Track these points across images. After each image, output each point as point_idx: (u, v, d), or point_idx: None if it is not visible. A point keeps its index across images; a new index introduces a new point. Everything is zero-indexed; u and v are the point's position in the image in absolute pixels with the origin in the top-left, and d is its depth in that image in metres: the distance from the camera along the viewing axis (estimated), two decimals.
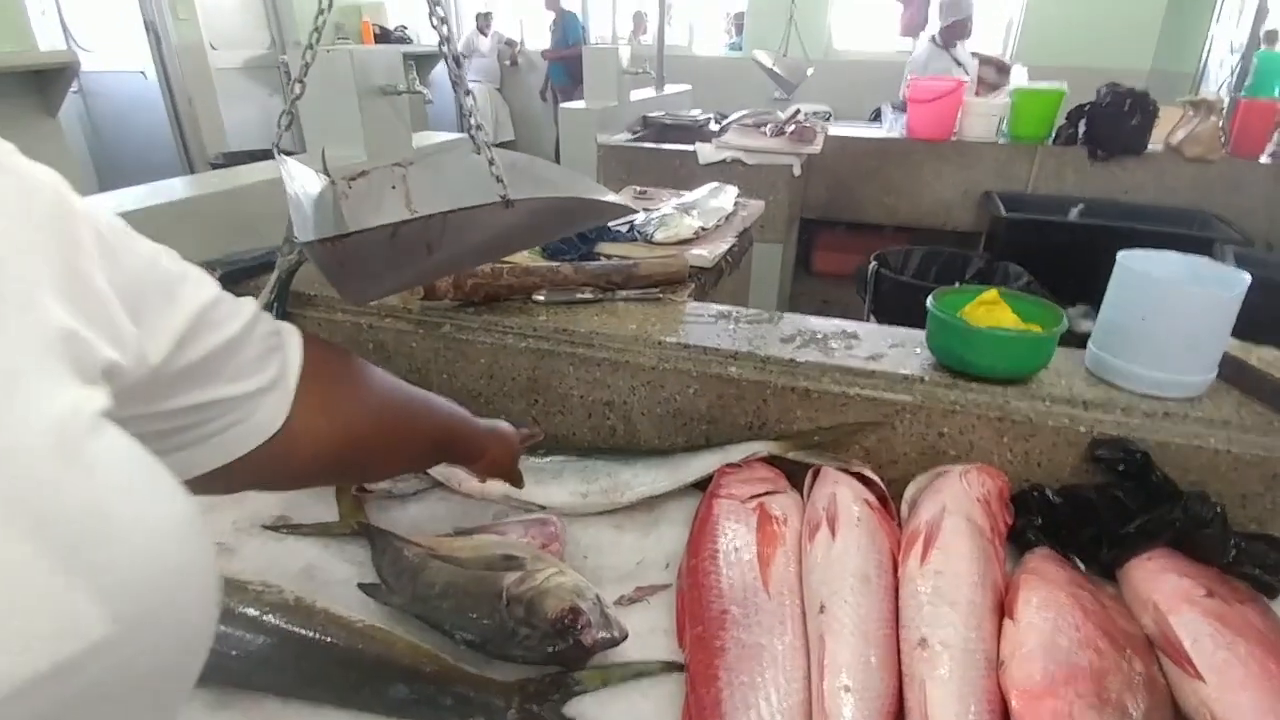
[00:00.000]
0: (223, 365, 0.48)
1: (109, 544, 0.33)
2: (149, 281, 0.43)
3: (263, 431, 0.51)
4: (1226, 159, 3.40)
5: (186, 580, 0.36)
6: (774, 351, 1.02)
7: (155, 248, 0.45)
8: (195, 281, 0.47)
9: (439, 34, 0.67)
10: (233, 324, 0.49)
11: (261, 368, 0.51)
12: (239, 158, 4.26)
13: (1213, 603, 0.75)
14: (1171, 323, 0.88)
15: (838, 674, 0.65)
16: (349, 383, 0.62)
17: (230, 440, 0.50)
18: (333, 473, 0.63)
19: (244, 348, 0.49)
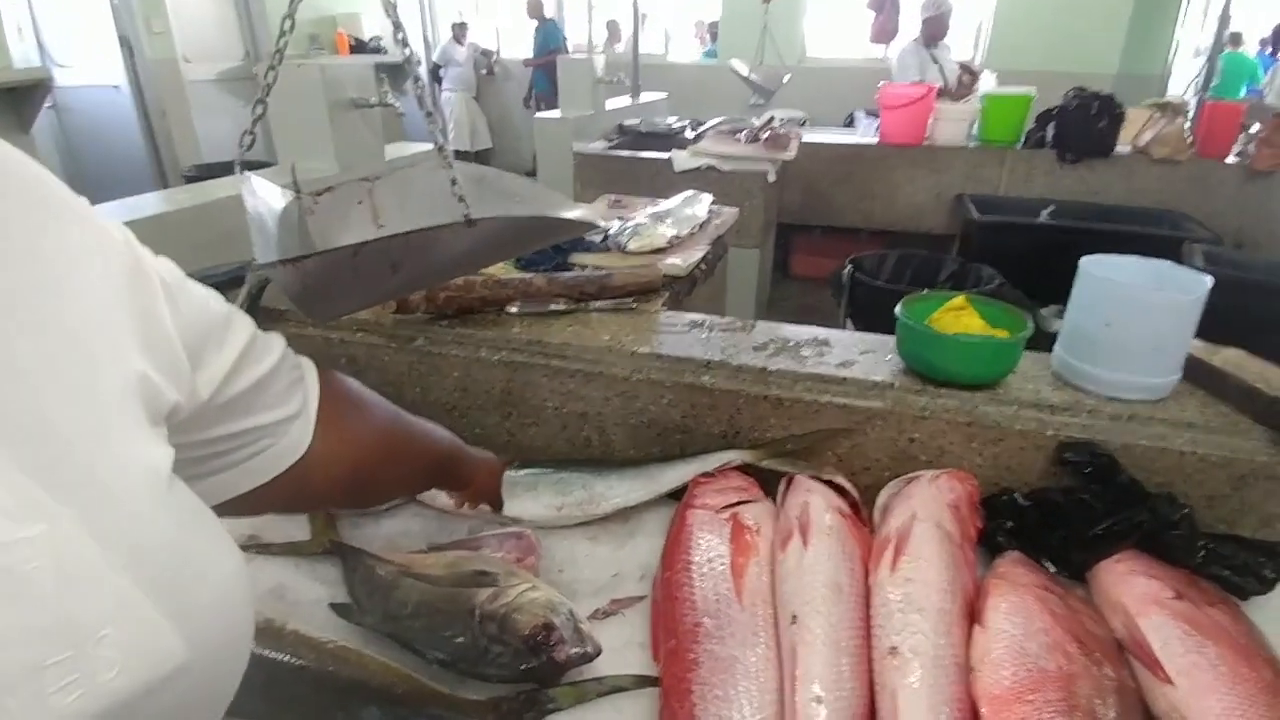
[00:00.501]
0: (258, 397, 0.52)
1: (190, 582, 0.37)
2: (203, 324, 0.48)
3: (290, 455, 0.56)
4: (1193, 159, 3.48)
5: (244, 617, 0.41)
6: (747, 360, 1.03)
7: (204, 291, 0.50)
8: (239, 322, 0.52)
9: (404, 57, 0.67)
10: (268, 359, 0.54)
11: (288, 398, 0.56)
12: (213, 170, 4.23)
13: (1182, 605, 0.76)
14: (1135, 327, 0.89)
15: (810, 684, 0.65)
16: (358, 409, 0.66)
17: (261, 465, 0.54)
18: (346, 494, 0.67)
19: (276, 380, 0.54)
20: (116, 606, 0.33)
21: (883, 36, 5.65)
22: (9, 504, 0.31)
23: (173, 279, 0.46)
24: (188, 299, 0.46)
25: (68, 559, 0.32)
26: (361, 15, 7.27)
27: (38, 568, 0.30)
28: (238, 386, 0.50)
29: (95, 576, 0.33)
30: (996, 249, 2.97)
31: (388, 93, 1.74)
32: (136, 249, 0.43)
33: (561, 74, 3.48)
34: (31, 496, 0.32)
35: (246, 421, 0.52)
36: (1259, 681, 0.67)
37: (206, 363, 0.47)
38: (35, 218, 0.37)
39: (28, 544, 0.30)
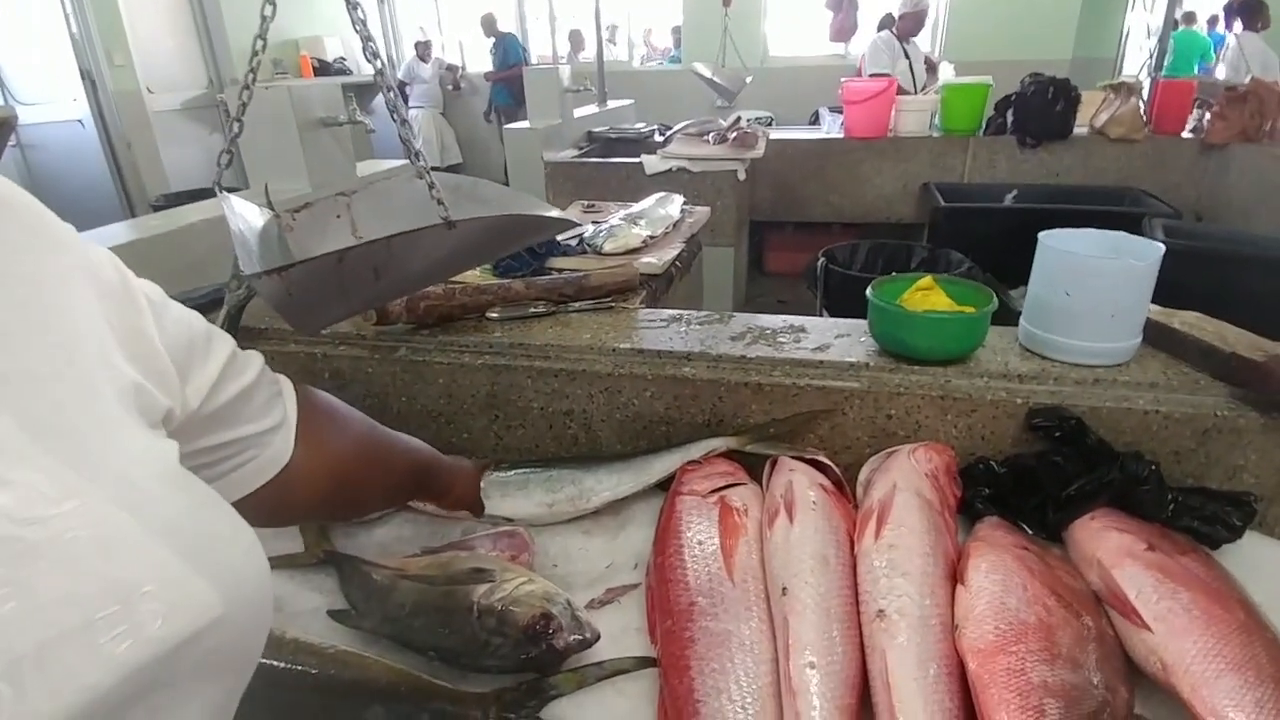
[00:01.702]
0: (242, 408, 0.56)
1: (220, 547, 0.40)
2: (187, 339, 0.51)
3: (273, 466, 0.59)
4: (1150, 137, 3.57)
5: (267, 578, 0.44)
6: (725, 350, 1.05)
7: (185, 310, 0.52)
8: (219, 338, 0.55)
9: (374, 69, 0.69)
10: (249, 372, 0.57)
11: (269, 410, 0.59)
12: (180, 198, 4.19)
13: (1154, 555, 0.79)
14: (1093, 295, 0.93)
15: (802, 652, 0.67)
16: (335, 421, 0.69)
17: (245, 476, 0.57)
18: (327, 505, 0.70)
19: (256, 393, 0.57)
20: (155, 566, 0.35)
21: (842, 35, 5.75)
22: (43, 485, 0.33)
23: (157, 298, 0.49)
24: (171, 316, 0.49)
25: (105, 529, 0.34)
26: (324, 38, 7.25)
27: (77, 537, 0.33)
28: (223, 397, 0.53)
29: (131, 541, 0.35)
30: (964, 234, 3.03)
31: (356, 110, 1.75)
32: (122, 270, 0.46)
33: (528, 85, 3.51)
34: (63, 477, 0.34)
35: (232, 432, 0.55)
36: (1232, 622, 0.70)
37: (193, 375, 0.50)
38: (30, 242, 0.40)
39: (66, 517, 0.33)
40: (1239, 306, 1.21)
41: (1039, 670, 0.65)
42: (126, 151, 5.13)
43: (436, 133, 7.60)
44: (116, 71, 5.07)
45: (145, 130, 5.27)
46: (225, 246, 1.18)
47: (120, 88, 5.10)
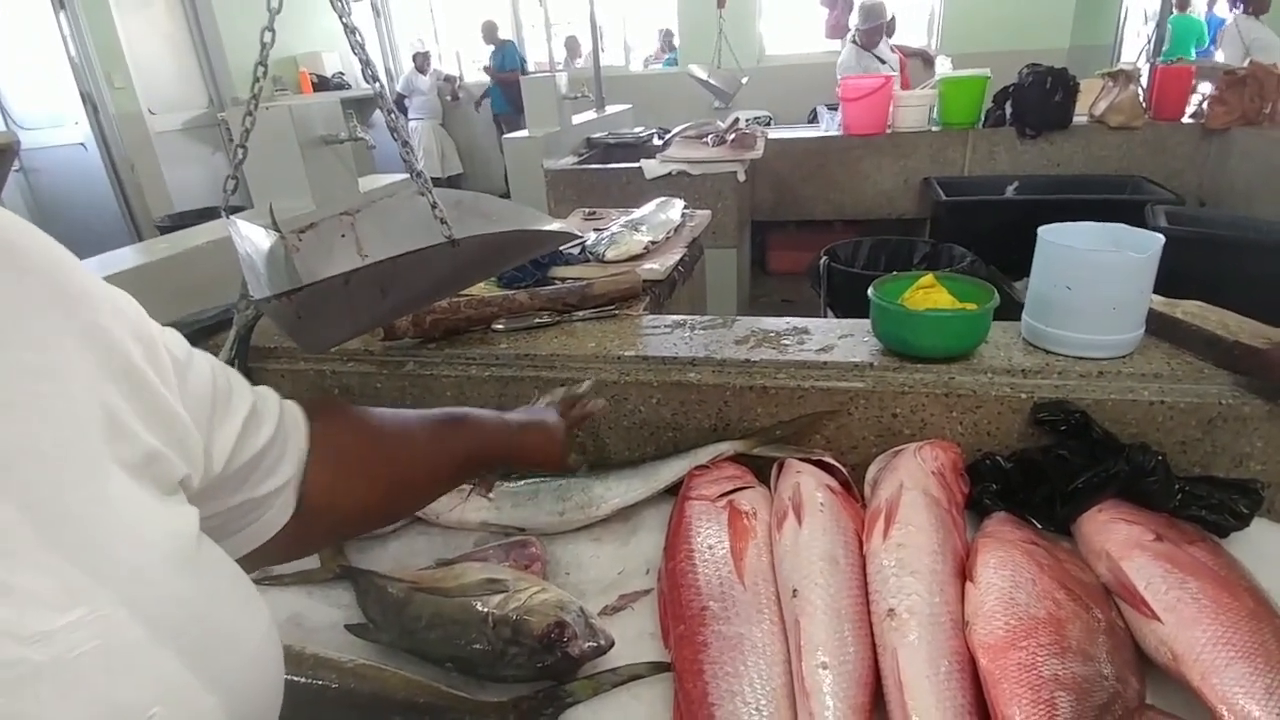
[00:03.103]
0: (255, 469, 0.52)
1: (227, 650, 0.39)
2: (209, 400, 0.47)
3: (279, 521, 0.55)
4: (1150, 124, 3.56)
5: (275, 677, 0.43)
6: (730, 354, 1.06)
7: (209, 367, 0.49)
8: (239, 392, 0.52)
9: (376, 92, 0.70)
10: (266, 429, 0.53)
11: (279, 467, 0.55)
12: (185, 218, 4.23)
13: (1162, 546, 0.79)
14: (1093, 289, 0.93)
15: (814, 653, 0.68)
16: (354, 448, 0.64)
17: (259, 529, 0.54)
18: (355, 530, 0.68)
19: (271, 451, 0.53)
20: (163, 685, 0.34)
21: (837, 32, 5.73)
22: (48, 590, 0.31)
23: (181, 353, 0.46)
24: (196, 374, 0.47)
25: (113, 641, 0.33)
26: (322, 53, 7.29)
27: (84, 654, 0.31)
28: (239, 460, 0.50)
29: (141, 656, 0.34)
30: (966, 228, 3.03)
31: (357, 127, 1.77)
32: (146, 324, 0.43)
33: (526, 94, 3.52)
34: (69, 579, 0.32)
35: (243, 494, 0.52)
36: (1241, 609, 0.70)
37: (216, 436, 0.48)
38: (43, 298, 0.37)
39: (71, 630, 0.31)
40: (1243, 292, 1.21)
41: (1050, 664, 0.65)
42: (130, 173, 5.17)
43: (436, 144, 7.64)
44: (117, 93, 5.11)
45: (148, 151, 5.31)
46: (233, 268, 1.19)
47: (121, 109, 5.14)
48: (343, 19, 0.70)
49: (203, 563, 0.40)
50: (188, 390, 0.45)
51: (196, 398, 0.46)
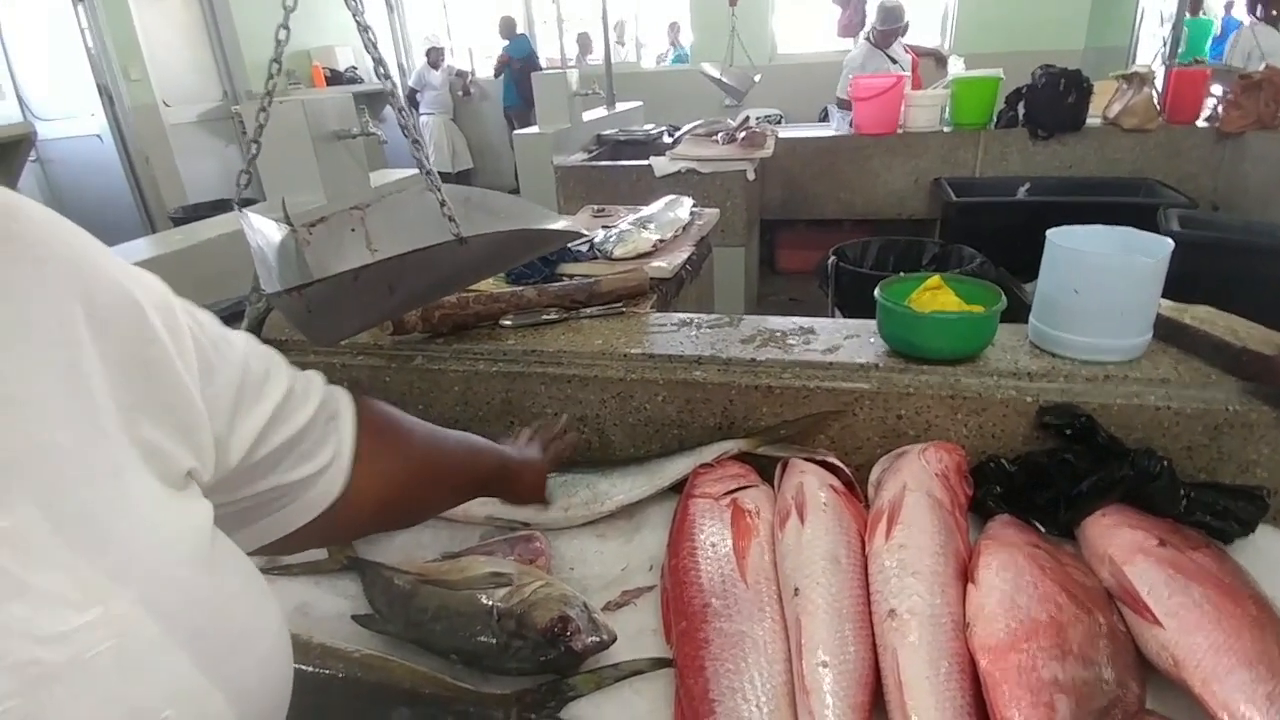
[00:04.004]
0: (288, 454, 0.51)
1: (240, 653, 0.38)
2: (237, 389, 0.46)
3: (317, 506, 0.55)
4: (1164, 127, 3.53)
5: (285, 679, 0.42)
6: (735, 353, 1.06)
7: (243, 350, 0.48)
8: (275, 377, 0.51)
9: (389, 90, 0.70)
10: (301, 414, 0.52)
11: (320, 450, 0.54)
12: (199, 210, 4.27)
13: (1166, 551, 0.79)
14: (1102, 293, 0.93)
15: (815, 651, 0.68)
16: (394, 442, 0.65)
17: (291, 514, 0.53)
18: (382, 524, 0.67)
19: (307, 436, 0.53)
20: (177, 687, 0.34)
21: (850, 30, 5.72)
22: (67, 589, 0.31)
23: (211, 339, 0.45)
24: (225, 363, 0.46)
25: (129, 641, 0.33)
26: (335, 48, 7.32)
27: (99, 655, 0.31)
28: (268, 447, 0.49)
29: (156, 657, 0.34)
30: (976, 229, 3.01)
31: (369, 122, 1.78)
32: (171, 308, 0.42)
33: (538, 90, 3.53)
34: (87, 578, 0.32)
35: (274, 479, 0.51)
36: (1244, 617, 0.70)
37: (238, 424, 0.46)
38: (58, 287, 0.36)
39: (88, 629, 0.31)
40: (1256, 297, 1.20)
41: (1050, 667, 0.65)
42: (145, 165, 5.21)
43: (447, 139, 7.66)
44: (133, 86, 5.15)
45: (162, 143, 5.35)
46: (245, 260, 1.20)
47: (137, 102, 5.18)
48: (356, 17, 0.71)
49: (217, 560, 0.40)
50: (213, 377, 0.44)
51: (221, 384, 0.45)
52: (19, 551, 0.31)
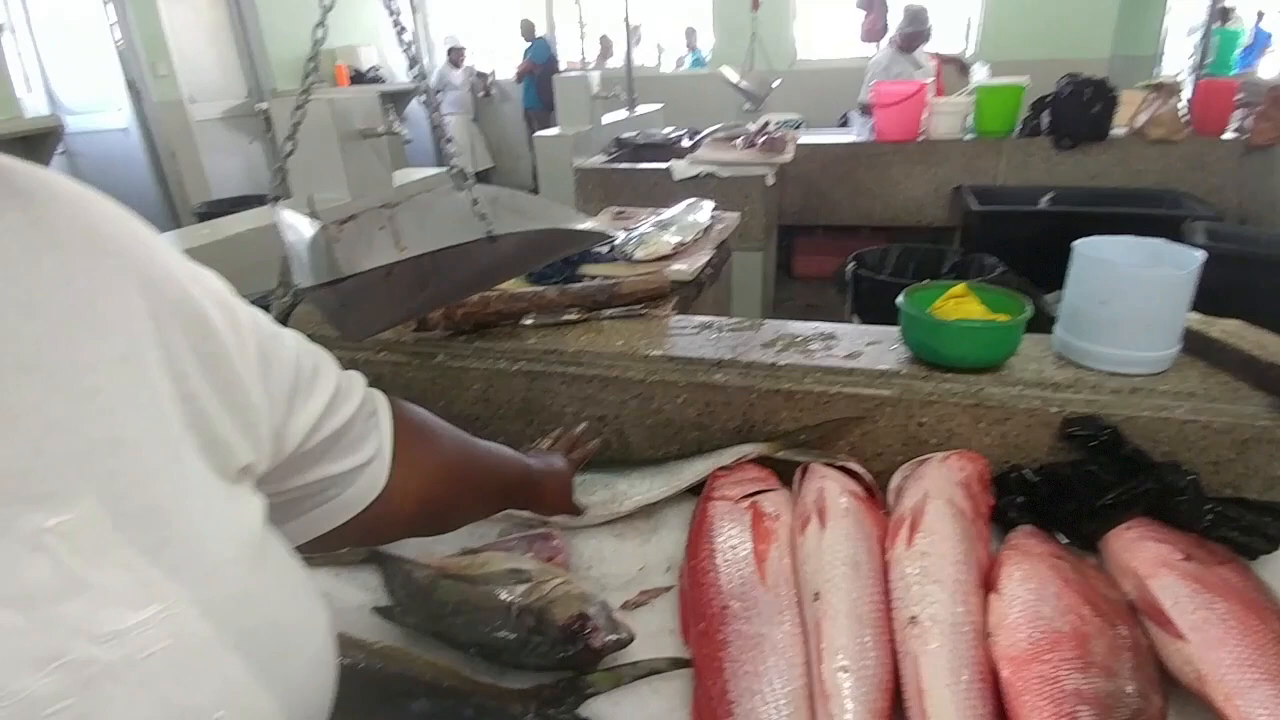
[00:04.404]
0: (334, 445, 0.52)
1: (289, 655, 0.38)
2: (291, 384, 0.47)
3: (362, 500, 0.55)
4: (1191, 138, 3.50)
5: (331, 682, 0.43)
6: (756, 357, 1.06)
7: (294, 347, 0.49)
8: (325, 372, 0.51)
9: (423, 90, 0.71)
10: (346, 408, 0.53)
11: (363, 444, 0.55)
12: (222, 205, 4.32)
13: (1190, 566, 0.79)
14: (1130, 304, 0.93)
15: (835, 656, 0.68)
16: (428, 444, 0.65)
17: (336, 508, 0.54)
18: (411, 529, 0.67)
19: (351, 429, 0.53)
20: (229, 688, 0.34)
21: (873, 35, 5.70)
22: (125, 586, 0.31)
23: (267, 333, 0.46)
24: (279, 362, 0.46)
25: (183, 641, 0.33)
26: (359, 47, 7.38)
27: (154, 654, 0.31)
28: (317, 438, 0.50)
29: (210, 659, 0.34)
30: (998, 238, 2.99)
31: (394, 121, 1.79)
32: (231, 304, 0.43)
33: (559, 92, 3.54)
34: (144, 575, 0.32)
35: (321, 470, 0.51)
36: (1268, 632, 0.70)
37: (292, 419, 0.47)
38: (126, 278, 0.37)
39: (143, 628, 0.31)
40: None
41: (1073, 678, 0.65)
42: (171, 160, 5.28)
43: (468, 139, 7.71)
44: (160, 81, 5.22)
45: (188, 139, 5.42)
46: (270, 255, 1.22)
47: (164, 97, 5.25)
48: (393, 16, 0.72)
49: (269, 559, 0.40)
50: (269, 371, 0.44)
51: (277, 379, 0.45)
52: (79, 547, 0.31)
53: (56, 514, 0.30)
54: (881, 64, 4.53)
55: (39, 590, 0.30)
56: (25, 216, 0.34)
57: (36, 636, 0.29)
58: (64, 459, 0.32)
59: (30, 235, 0.34)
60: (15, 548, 0.30)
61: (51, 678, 0.29)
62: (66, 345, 0.33)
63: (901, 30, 4.48)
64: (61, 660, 0.29)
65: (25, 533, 0.30)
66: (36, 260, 0.34)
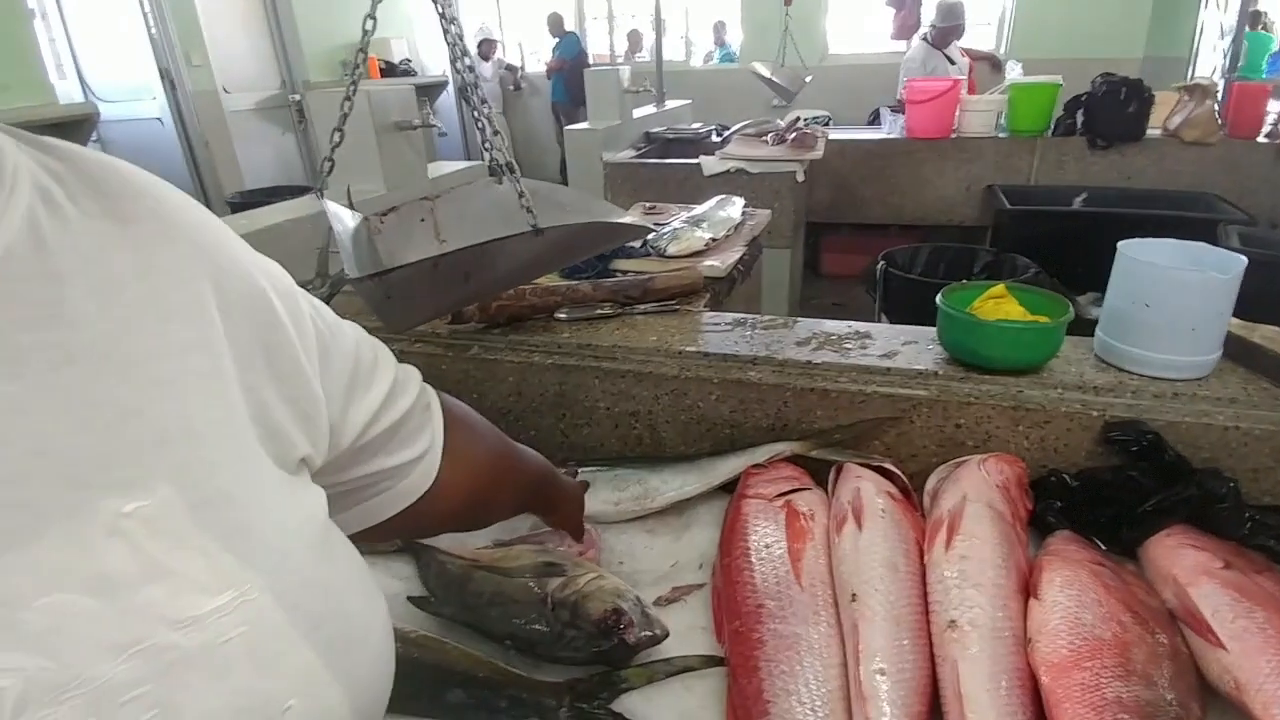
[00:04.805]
0: (390, 439, 0.52)
1: (355, 646, 0.39)
2: (350, 376, 0.47)
3: (414, 493, 0.55)
4: (1225, 141, 3.43)
5: (390, 673, 0.43)
6: (791, 355, 1.06)
7: (354, 339, 0.49)
8: (384, 366, 0.52)
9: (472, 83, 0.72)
10: (403, 402, 0.53)
11: (415, 440, 0.55)
12: (254, 196, 4.37)
13: (1230, 574, 0.78)
14: (1174, 308, 0.91)
15: (872, 658, 0.68)
16: (474, 437, 0.65)
17: (387, 501, 0.54)
18: (456, 523, 0.67)
19: (406, 423, 0.54)
20: (301, 676, 0.34)
21: (904, 33, 5.63)
22: (201, 572, 0.32)
23: (328, 325, 0.46)
24: (339, 353, 0.46)
25: (258, 628, 0.33)
26: (390, 40, 7.42)
27: (230, 641, 0.32)
28: (374, 431, 0.50)
29: (283, 647, 0.34)
30: (1030, 238, 2.96)
31: (430, 114, 1.80)
32: (295, 295, 0.43)
33: (589, 86, 3.54)
34: (220, 562, 0.32)
35: (377, 464, 0.51)
36: None
37: (349, 412, 0.47)
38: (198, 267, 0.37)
39: (218, 615, 0.31)
40: None
41: (1114, 686, 0.64)
42: (204, 149, 5.34)
43: None
44: (194, 72, 5.28)
45: (221, 129, 5.48)
46: (307, 245, 1.23)
47: (198, 87, 5.31)
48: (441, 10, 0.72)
49: (332, 550, 0.40)
50: (329, 363, 0.45)
51: (336, 371, 0.46)
52: (158, 533, 0.31)
53: (134, 500, 0.31)
54: (916, 59, 4.48)
55: (118, 576, 0.30)
56: (99, 205, 0.35)
57: (115, 622, 0.29)
58: (140, 446, 0.32)
59: (104, 224, 0.34)
60: (94, 533, 0.30)
61: (129, 664, 0.29)
62: (140, 334, 0.33)
63: (935, 25, 4.43)
64: (140, 646, 0.29)
65: (104, 518, 0.30)
66: (110, 249, 0.34)
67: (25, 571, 0.28)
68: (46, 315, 0.31)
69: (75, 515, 0.30)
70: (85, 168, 0.35)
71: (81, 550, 0.29)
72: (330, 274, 1.10)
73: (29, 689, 0.27)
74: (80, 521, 0.30)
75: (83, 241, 0.33)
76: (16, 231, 0.31)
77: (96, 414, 0.31)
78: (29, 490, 0.29)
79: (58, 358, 0.31)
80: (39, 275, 0.31)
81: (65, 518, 0.29)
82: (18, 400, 0.29)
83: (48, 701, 0.27)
